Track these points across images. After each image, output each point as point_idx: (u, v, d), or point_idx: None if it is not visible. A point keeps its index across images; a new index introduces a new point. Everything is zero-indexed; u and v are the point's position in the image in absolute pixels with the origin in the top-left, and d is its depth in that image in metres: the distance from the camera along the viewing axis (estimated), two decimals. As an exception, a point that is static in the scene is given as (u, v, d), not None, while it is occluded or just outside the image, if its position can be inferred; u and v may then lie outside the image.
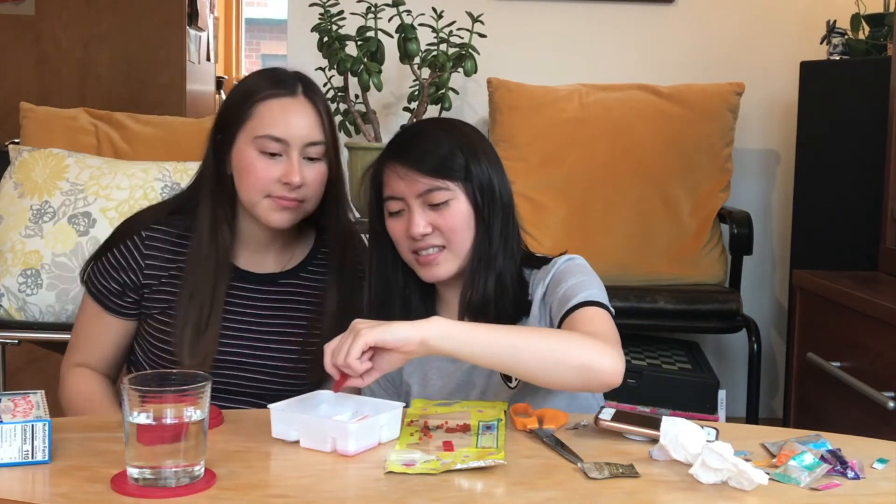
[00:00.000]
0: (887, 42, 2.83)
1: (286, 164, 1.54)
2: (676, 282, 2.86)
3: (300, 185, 1.54)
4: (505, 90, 3.04)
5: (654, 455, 1.21)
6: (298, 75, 1.61)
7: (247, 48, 7.81)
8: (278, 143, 1.53)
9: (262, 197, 1.55)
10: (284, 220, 1.57)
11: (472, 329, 1.30)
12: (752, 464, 1.13)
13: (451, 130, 1.54)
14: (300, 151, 1.55)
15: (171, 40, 4.64)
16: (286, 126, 1.54)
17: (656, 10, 3.27)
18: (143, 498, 1.07)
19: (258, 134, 1.54)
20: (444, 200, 1.47)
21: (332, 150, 1.59)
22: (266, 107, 1.55)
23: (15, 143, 2.98)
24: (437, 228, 1.47)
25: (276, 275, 1.66)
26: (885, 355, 1.97)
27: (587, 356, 1.29)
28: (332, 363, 1.27)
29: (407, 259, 1.52)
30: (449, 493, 1.09)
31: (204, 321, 1.57)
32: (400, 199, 1.49)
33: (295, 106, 1.56)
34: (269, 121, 1.54)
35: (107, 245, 1.66)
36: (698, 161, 2.97)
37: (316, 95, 1.59)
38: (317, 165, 1.57)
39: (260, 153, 1.54)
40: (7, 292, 2.57)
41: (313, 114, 1.57)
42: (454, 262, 1.50)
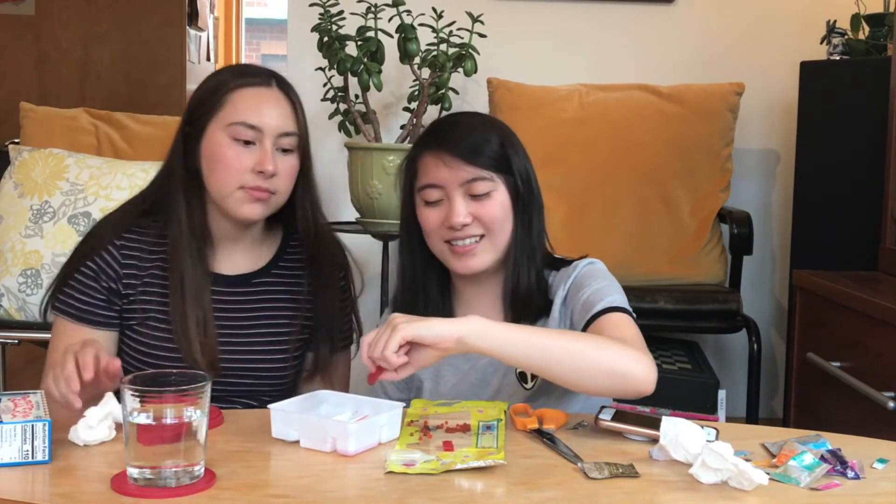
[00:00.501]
0: (887, 42, 2.83)
1: (259, 152, 1.51)
2: (676, 282, 2.86)
3: (273, 174, 1.51)
4: (505, 90, 3.04)
5: (654, 455, 1.21)
6: (271, 71, 1.60)
7: (247, 48, 7.80)
8: (252, 130, 1.51)
9: (234, 188, 1.52)
10: (255, 212, 1.54)
11: (508, 329, 1.30)
12: (752, 464, 1.13)
13: (492, 122, 1.56)
14: (273, 141, 1.52)
15: (171, 40, 4.64)
16: (260, 114, 1.52)
17: (656, 10, 3.27)
18: (143, 498, 1.07)
19: (232, 121, 1.51)
20: (487, 191, 1.47)
21: (304, 144, 1.58)
22: (240, 95, 1.53)
23: (15, 143, 2.98)
24: (478, 219, 1.47)
25: (248, 275, 1.63)
26: (885, 355, 1.97)
27: (621, 363, 1.29)
28: (368, 355, 1.27)
29: (438, 250, 1.51)
30: (449, 493, 1.09)
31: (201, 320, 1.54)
32: (440, 187, 1.48)
33: (269, 95, 1.55)
34: (242, 108, 1.52)
35: (78, 259, 1.58)
36: (698, 161, 2.97)
37: (290, 89, 1.58)
38: (289, 158, 1.55)
39: (233, 141, 1.51)
40: (7, 292, 2.57)
41: (287, 105, 1.55)
42: (492, 253, 1.50)
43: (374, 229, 2.83)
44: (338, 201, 3.25)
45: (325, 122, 2.99)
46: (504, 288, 1.53)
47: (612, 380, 1.29)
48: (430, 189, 1.49)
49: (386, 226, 2.78)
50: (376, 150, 2.73)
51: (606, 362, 1.29)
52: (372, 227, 2.82)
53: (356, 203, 2.83)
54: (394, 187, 2.65)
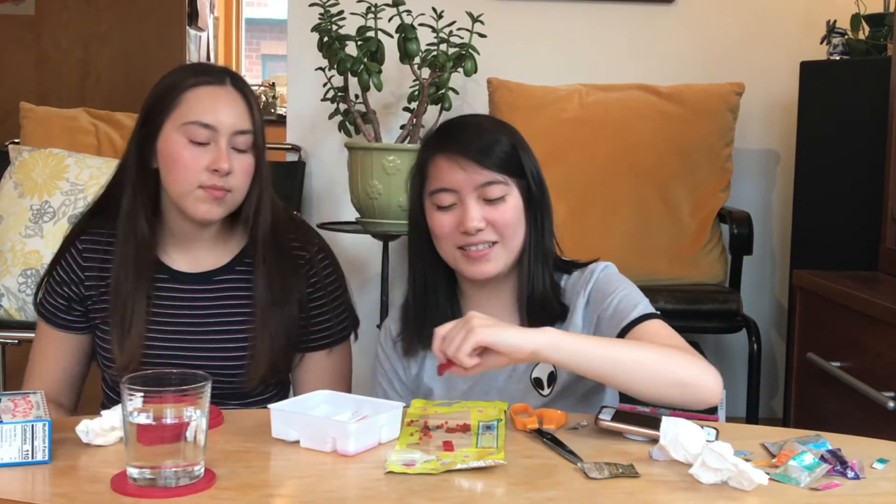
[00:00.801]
0: (887, 42, 2.83)
1: (214, 151, 1.51)
2: (676, 282, 2.86)
3: (228, 172, 1.51)
4: (505, 90, 3.04)
5: (653, 455, 1.21)
6: (226, 69, 1.61)
7: (247, 48, 7.81)
8: (207, 129, 1.51)
9: (192, 187, 1.51)
10: (212, 212, 1.53)
11: (579, 340, 1.30)
12: (752, 464, 1.13)
13: (503, 126, 1.55)
14: (228, 140, 1.52)
15: (171, 40, 4.64)
16: (215, 113, 1.52)
17: (656, 10, 3.27)
18: (143, 498, 1.07)
19: (186, 121, 1.51)
20: (501, 196, 1.46)
21: (259, 142, 1.57)
22: (194, 94, 1.53)
23: (15, 143, 2.99)
24: (491, 224, 1.46)
25: (210, 273, 1.62)
26: (885, 355, 1.97)
27: (691, 374, 1.30)
28: (441, 349, 1.27)
29: (449, 255, 1.50)
30: (449, 493, 1.09)
31: (128, 319, 1.55)
32: (453, 191, 1.46)
33: (223, 94, 1.54)
34: (197, 107, 1.52)
35: (52, 263, 1.65)
36: (698, 161, 2.97)
37: (244, 86, 1.57)
38: (244, 157, 1.55)
39: (188, 141, 1.51)
40: (7, 292, 2.57)
41: (242, 103, 1.55)
42: (505, 258, 1.48)
43: (374, 229, 2.83)
44: (338, 201, 3.26)
45: (325, 122, 2.99)
46: (518, 291, 1.51)
47: (681, 390, 1.29)
48: (442, 193, 1.47)
49: (386, 226, 2.78)
50: (376, 150, 2.73)
51: (677, 374, 1.29)
52: (372, 227, 2.82)
53: (356, 203, 2.83)
54: (402, 188, 2.67)
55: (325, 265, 1.67)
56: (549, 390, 1.50)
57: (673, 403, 1.33)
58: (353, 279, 3.29)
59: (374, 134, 2.86)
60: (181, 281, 1.61)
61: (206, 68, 1.60)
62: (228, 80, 1.56)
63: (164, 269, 1.61)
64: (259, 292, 1.59)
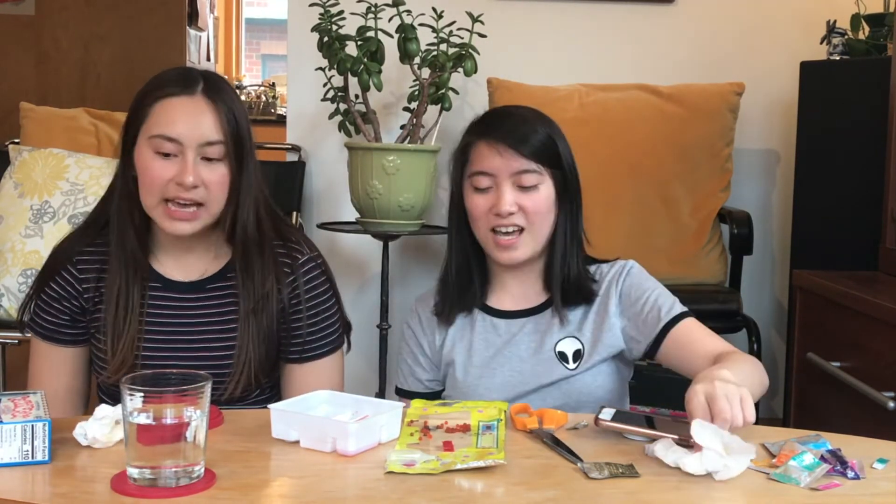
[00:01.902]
0: (887, 42, 2.83)
1: (181, 164, 1.49)
2: (676, 282, 2.85)
3: (194, 185, 1.48)
4: (505, 90, 3.04)
5: (648, 452, 1.21)
6: (205, 74, 1.56)
7: (247, 48, 7.81)
8: (172, 142, 1.49)
9: (157, 201, 1.50)
10: (182, 228, 1.51)
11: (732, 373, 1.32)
12: (750, 461, 1.13)
13: (543, 118, 1.64)
14: (196, 151, 1.49)
15: (171, 40, 4.65)
16: (178, 124, 1.49)
17: (656, 10, 3.27)
18: (143, 498, 1.07)
19: (152, 133, 1.50)
20: (535, 184, 1.55)
21: (232, 150, 1.52)
22: (161, 106, 1.50)
23: (15, 143, 2.99)
24: (522, 209, 1.55)
25: (203, 281, 1.61)
26: (885, 355, 1.97)
27: (764, 377, 1.43)
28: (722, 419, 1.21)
29: (483, 237, 1.59)
30: (449, 493, 1.09)
31: (120, 326, 1.54)
32: (491, 175, 1.55)
33: (190, 105, 1.50)
34: (162, 120, 1.50)
35: (42, 281, 1.62)
36: (698, 161, 2.97)
37: (218, 95, 1.52)
38: (217, 166, 1.51)
39: (155, 153, 1.49)
40: (7, 292, 2.57)
41: (211, 113, 1.50)
42: (532, 245, 1.57)
43: (374, 229, 2.83)
44: (338, 201, 3.26)
45: (325, 122, 2.99)
46: (547, 271, 1.61)
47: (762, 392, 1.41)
48: (480, 176, 1.56)
49: (386, 226, 2.78)
50: (376, 150, 2.73)
51: (763, 381, 1.42)
52: (372, 227, 2.82)
53: (356, 203, 2.83)
54: (402, 188, 2.68)
55: (309, 277, 1.62)
56: (576, 365, 1.56)
57: None
58: (353, 279, 3.30)
59: (374, 134, 2.86)
60: (173, 289, 1.60)
61: (180, 76, 1.54)
62: (200, 88, 1.52)
63: (157, 277, 1.60)
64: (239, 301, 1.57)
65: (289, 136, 3.31)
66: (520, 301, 1.63)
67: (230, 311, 1.60)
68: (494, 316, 1.63)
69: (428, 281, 3.23)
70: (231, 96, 1.55)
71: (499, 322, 1.63)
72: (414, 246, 3.29)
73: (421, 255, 3.29)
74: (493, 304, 1.65)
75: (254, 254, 1.57)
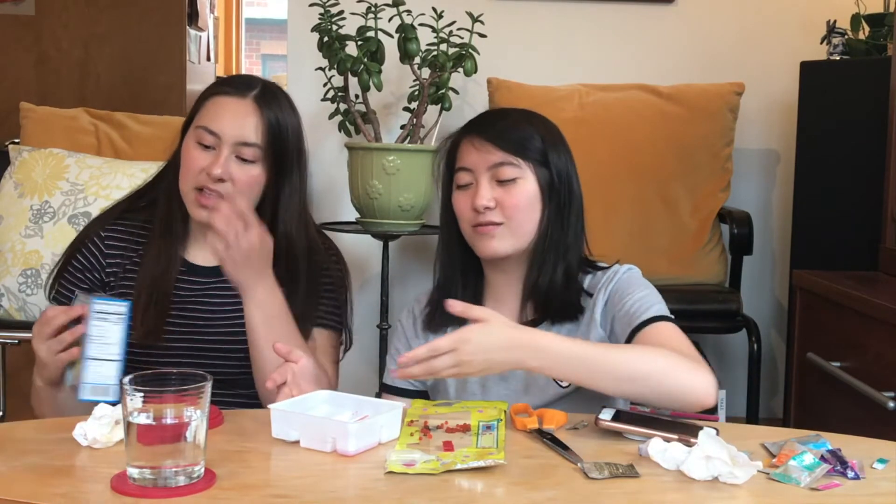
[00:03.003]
0: (887, 42, 2.83)
1: (215, 156, 1.57)
2: (676, 282, 2.86)
3: (221, 178, 1.56)
4: (505, 90, 3.04)
5: (642, 452, 1.21)
6: (265, 83, 1.64)
7: (247, 48, 7.81)
8: (212, 135, 1.57)
9: (190, 187, 1.58)
10: (201, 215, 1.58)
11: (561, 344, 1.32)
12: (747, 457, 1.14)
13: (534, 118, 1.61)
14: (232, 148, 1.57)
15: (171, 40, 4.64)
16: (221, 120, 1.58)
17: (656, 10, 3.27)
18: (143, 498, 1.07)
19: (198, 124, 1.60)
20: (513, 178, 1.52)
21: (270, 157, 1.59)
22: (213, 102, 1.61)
23: (15, 143, 2.98)
24: (501, 205, 1.51)
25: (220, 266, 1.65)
26: (885, 355, 1.97)
27: (683, 380, 1.32)
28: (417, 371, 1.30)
29: (467, 235, 1.56)
30: (449, 493, 1.09)
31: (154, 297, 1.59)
32: (470, 170, 1.53)
33: (237, 105, 1.59)
34: (209, 114, 1.59)
35: (69, 253, 1.68)
36: (698, 161, 2.97)
37: (269, 103, 1.61)
38: (249, 167, 1.59)
39: (196, 143, 1.58)
40: (7, 292, 2.57)
41: (255, 117, 1.59)
42: (510, 240, 1.53)
43: (374, 229, 2.83)
44: (338, 201, 3.26)
45: (325, 122, 2.99)
46: (525, 279, 1.56)
47: (673, 396, 1.32)
48: (461, 172, 1.55)
49: (386, 226, 2.78)
50: (376, 150, 2.73)
51: (671, 381, 1.31)
52: (372, 227, 2.82)
53: (356, 203, 2.83)
54: (402, 188, 2.68)
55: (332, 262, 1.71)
56: (568, 384, 1.50)
57: (664, 405, 1.35)
58: (353, 279, 3.29)
59: (374, 134, 2.86)
60: (198, 273, 1.66)
61: (236, 80, 1.65)
62: (254, 93, 1.60)
63: (182, 261, 1.67)
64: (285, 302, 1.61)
65: (289, 136, 3.30)
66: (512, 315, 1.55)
67: None
68: None
69: (428, 281, 3.22)
70: (283, 108, 1.63)
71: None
72: (414, 246, 3.29)
73: (421, 255, 3.29)
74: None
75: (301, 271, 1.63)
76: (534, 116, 1.63)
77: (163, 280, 1.62)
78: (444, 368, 1.28)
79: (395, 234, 2.84)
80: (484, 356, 1.29)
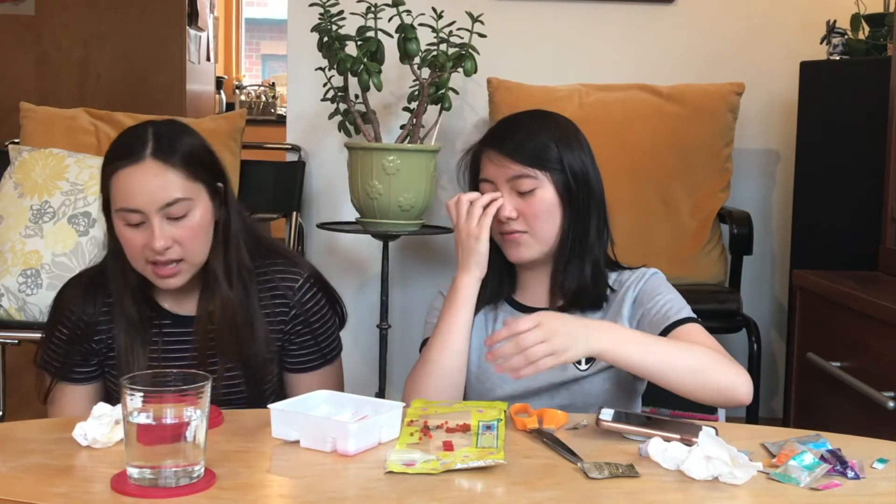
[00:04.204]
0: (887, 42, 2.83)
1: (149, 230, 1.51)
2: (676, 282, 2.82)
3: (166, 247, 1.51)
4: (505, 90, 3.04)
5: (642, 452, 1.21)
6: (154, 131, 1.55)
7: (247, 48, 7.81)
8: (135, 213, 1.51)
9: (143, 265, 1.54)
10: (171, 284, 1.55)
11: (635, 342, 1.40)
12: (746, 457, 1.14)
13: (547, 122, 1.65)
14: (160, 215, 1.51)
15: (171, 40, 4.64)
16: (135, 196, 1.51)
17: (656, 10, 3.27)
18: (143, 498, 1.07)
19: (117, 207, 1.53)
20: (531, 189, 1.57)
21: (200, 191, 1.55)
22: (117, 179, 1.53)
23: (15, 143, 2.98)
24: (522, 215, 1.57)
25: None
26: (886, 355, 1.97)
27: (730, 379, 1.40)
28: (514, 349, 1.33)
29: (496, 238, 1.61)
30: (449, 493, 1.09)
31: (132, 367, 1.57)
32: (492, 182, 1.59)
33: (141, 173, 1.51)
34: (121, 193, 1.52)
35: (51, 326, 1.67)
36: (698, 161, 2.97)
37: (168, 152, 1.52)
38: (185, 222, 1.53)
39: (126, 225, 1.53)
40: (7, 292, 2.57)
41: (165, 173, 1.51)
42: (535, 247, 1.59)
43: (374, 229, 2.83)
44: (338, 201, 3.25)
45: (325, 122, 2.99)
46: (552, 279, 1.62)
47: (720, 393, 1.39)
48: (484, 183, 1.61)
49: (386, 226, 2.78)
50: (376, 150, 2.73)
51: (718, 378, 1.39)
52: (372, 227, 2.82)
53: (356, 203, 2.83)
54: (402, 188, 2.68)
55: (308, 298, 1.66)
56: (587, 367, 1.57)
57: (709, 403, 1.43)
58: (353, 279, 3.31)
59: (374, 134, 2.86)
60: (184, 324, 1.63)
61: (127, 144, 1.56)
62: (149, 150, 1.52)
63: (167, 314, 1.64)
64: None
65: (289, 136, 3.31)
66: (543, 299, 1.64)
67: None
68: (519, 310, 1.64)
69: (428, 280, 3.25)
70: (185, 143, 1.55)
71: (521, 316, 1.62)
72: (414, 246, 3.29)
73: (421, 255, 3.29)
74: (520, 298, 1.66)
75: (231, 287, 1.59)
76: (547, 118, 1.67)
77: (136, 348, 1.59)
78: (534, 343, 1.32)
79: (395, 234, 2.84)
80: (566, 329, 1.35)
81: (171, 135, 1.56)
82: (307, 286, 1.66)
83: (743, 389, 1.39)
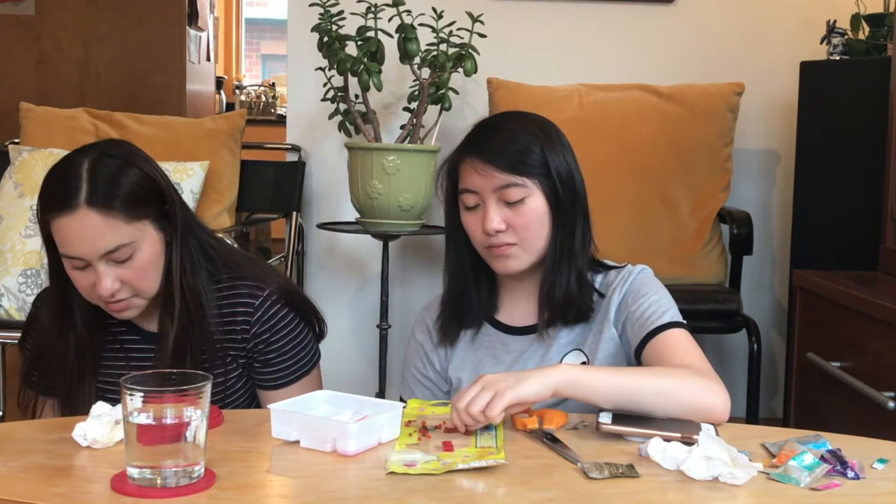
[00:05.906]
0: (887, 42, 2.83)
1: (95, 274, 1.46)
2: (676, 282, 2.85)
3: (112, 292, 1.47)
4: (505, 90, 3.04)
5: (642, 452, 1.21)
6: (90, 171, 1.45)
7: (247, 48, 7.82)
8: (77, 259, 1.46)
9: (97, 302, 1.51)
10: (125, 316, 1.54)
11: (597, 375, 1.33)
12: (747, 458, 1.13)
13: (528, 124, 1.55)
14: (103, 261, 1.46)
15: (171, 40, 4.64)
16: (74, 246, 1.45)
17: (656, 10, 3.27)
18: (143, 498, 1.07)
19: (62, 253, 1.48)
20: (520, 198, 1.49)
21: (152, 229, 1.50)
22: (56, 227, 1.45)
23: (15, 143, 2.99)
24: (511, 226, 1.49)
25: None
26: (886, 355, 1.97)
27: (702, 399, 1.33)
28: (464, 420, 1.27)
29: (481, 251, 1.54)
30: (449, 493, 1.09)
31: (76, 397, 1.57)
32: (476, 192, 1.50)
33: (77, 223, 1.43)
34: (62, 241, 1.46)
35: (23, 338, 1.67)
36: (698, 161, 2.97)
37: (105, 197, 1.43)
38: (131, 263, 1.48)
39: (73, 268, 1.48)
40: (7, 292, 2.57)
41: (102, 222, 1.43)
42: (526, 258, 1.52)
43: (374, 229, 2.83)
44: (338, 201, 3.26)
45: (325, 122, 2.99)
46: (540, 290, 1.54)
47: (695, 415, 1.32)
48: (468, 194, 1.51)
49: (386, 226, 2.78)
50: (376, 150, 2.73)
51: (690, 401, 1.32)
52: (372, 227, 2.82)
53: (356, 203, 2.83)
54: (402, 188, 2.68)
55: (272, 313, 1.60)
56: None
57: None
58: (352, 279, 3.31)
59: (374, 134, 2.86)
60: (151, 340, 1.60)
61: (59, 192, 1.45)
62: (83, 196, 1.43)
63: (136, 330, 1.62)
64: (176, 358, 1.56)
65: (289, 136, 3.31)
66: (529, 316, 1.58)
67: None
68: (504, 332, 1.59)
69: (428, 281, 3.25)
70: (126, 183, 1.47)
71: (508, 339, 1.58)
72: (414, 246, 3.29)
73: (421, 255, 3.29)
74: (504, 319, 1.60)
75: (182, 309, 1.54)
76: (526, 120, 1.57)
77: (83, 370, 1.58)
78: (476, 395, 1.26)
79: (395, 234, 2.84)
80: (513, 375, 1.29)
81: (108, 173, 1.46)
82: (269, 303, 1.59)
83: (718, 409, 1.32)
